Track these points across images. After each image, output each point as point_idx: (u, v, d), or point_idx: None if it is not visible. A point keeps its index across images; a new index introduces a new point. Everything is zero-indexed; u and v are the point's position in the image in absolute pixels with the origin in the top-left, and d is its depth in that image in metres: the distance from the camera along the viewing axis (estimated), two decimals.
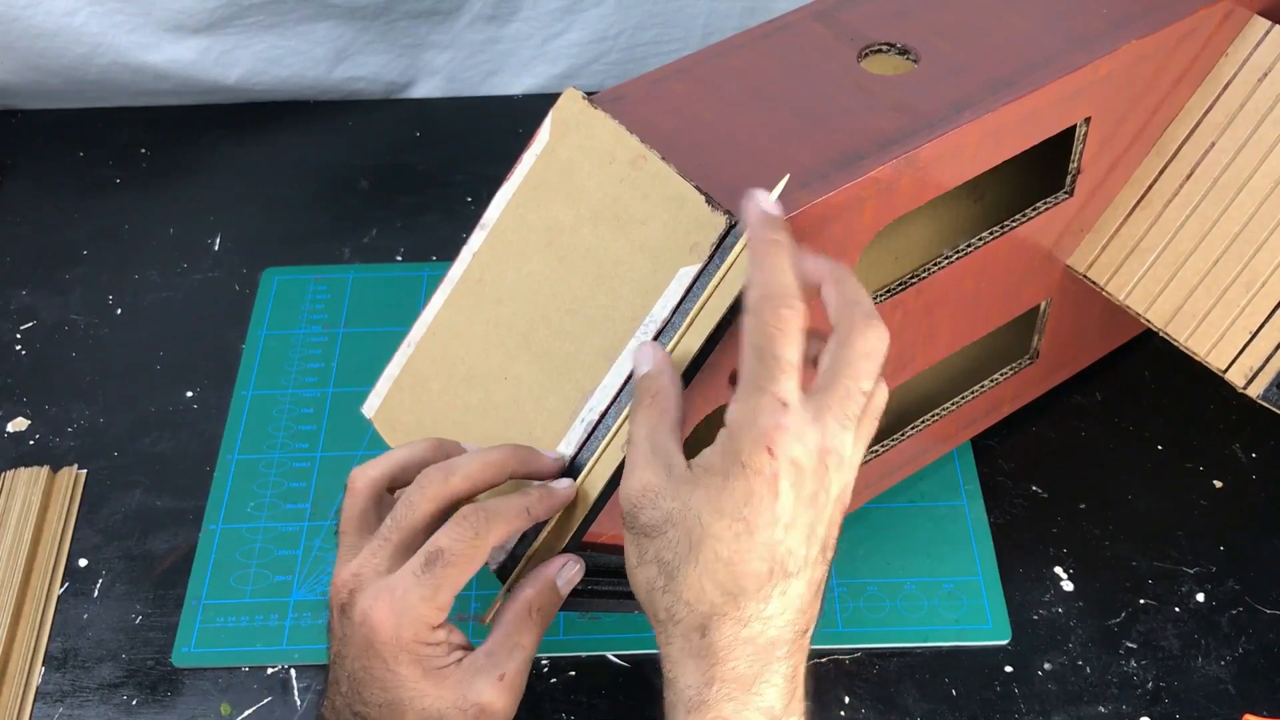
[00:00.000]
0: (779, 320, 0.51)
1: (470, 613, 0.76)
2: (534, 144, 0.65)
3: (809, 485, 0.51)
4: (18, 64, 1.06)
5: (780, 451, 0.50)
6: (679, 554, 0.51)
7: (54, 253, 1.00)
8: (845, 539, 0.79)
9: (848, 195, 0.62)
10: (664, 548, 0.52)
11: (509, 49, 1.11)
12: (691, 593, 0.51)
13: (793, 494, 0.51)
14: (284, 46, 1.08)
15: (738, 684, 0.51)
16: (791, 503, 0.51)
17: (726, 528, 0.50)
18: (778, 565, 0.51)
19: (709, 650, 0.51)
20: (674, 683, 0.52)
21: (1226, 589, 0.77)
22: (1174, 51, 0.71)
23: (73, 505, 0.83)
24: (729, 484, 0.50)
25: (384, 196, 1.04)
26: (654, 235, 0.60)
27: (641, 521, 0.52)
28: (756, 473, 0.50)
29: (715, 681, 0.51)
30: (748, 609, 0.51)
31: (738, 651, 0.51)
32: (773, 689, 0.52)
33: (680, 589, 0.51)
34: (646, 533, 0.52)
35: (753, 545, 0.51)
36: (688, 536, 0.51)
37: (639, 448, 0.53)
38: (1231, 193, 0.72)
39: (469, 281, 0.66)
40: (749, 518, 0.50)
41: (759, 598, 0.51)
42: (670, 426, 0.54)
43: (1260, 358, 0.69)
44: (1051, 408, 0.86)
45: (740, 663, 0.51)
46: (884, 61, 0.70)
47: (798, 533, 0.51)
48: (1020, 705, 0.72)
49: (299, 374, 0.90)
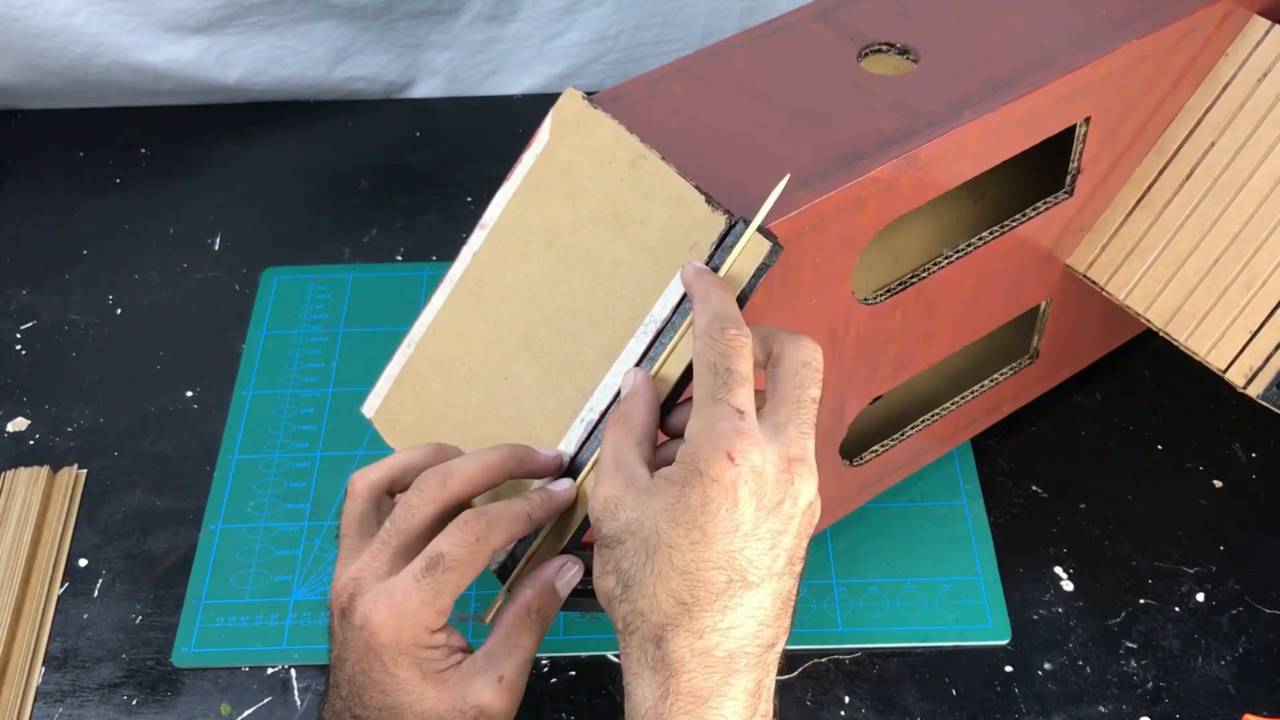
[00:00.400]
0: (729, 339, 0.52)
1: (470, 613, 0.76)
2: (534, 144, 0.65)
3: (771, 494, 0.51)
4: (18, 64, 1.06)
5: (740, 458, 0.50)
6: (635, 564, 0.51)
7: (54, 253, 1.00)
8: (845, 539, 0.79)
9: (848, 195, 0.62)
10: (622, 557, 0.52)
11: (509, 49, 1.11)
12: (646, 602, 0.51)
13: (753, 501, 0.50)
14: (284, 46, 1.08)
15: (693, 698, 0.50)
16: (752, 511, 0.50)
17: (683, 536, 0.50)
18: (737, 575, 0.50)
19: (664, 662, 0.51)
20: (631, 695, 0.52)
21: (1226, 589, 0.77)
22: (1174, 51, 0.71)
23: (73, 505, 0.83)
24: (686, 492, 0.50)
25: (384, 196, 1.04)
26: (654, 235, 0.60)
27: (604, 532, 0.52)
28: (714, 480, 0.50)
29: (670, 695, 0.50)
30: (704, 620, 0.50)
31: (693, 664, 0.50)
32: (731, 703, 0.51)
33: (636, 598, 0.51)
34: (607, 543, 0.52)
35: (709, 554, 0.50)
36: (645, 545, 0.51)
37: (604, 464, 0.54)
38: (1231, 193, 0.72)
39: (469, 281, 0.66)
40: (705, 526, 0.50)
41: (715, 609, 0.50)
42: (635, 442, 0.54)
43: (1260, 357, 0.69)
44: (1051, 408, 0.86)
45: (697, 676, 0.50)
46: (884, 61, 0.70)
47: (759, 542, 0.51)
48: (1020, 705, 0.72)
49: (299, 374, 0.90)
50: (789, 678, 0.73)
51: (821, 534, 0.79)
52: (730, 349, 0.52)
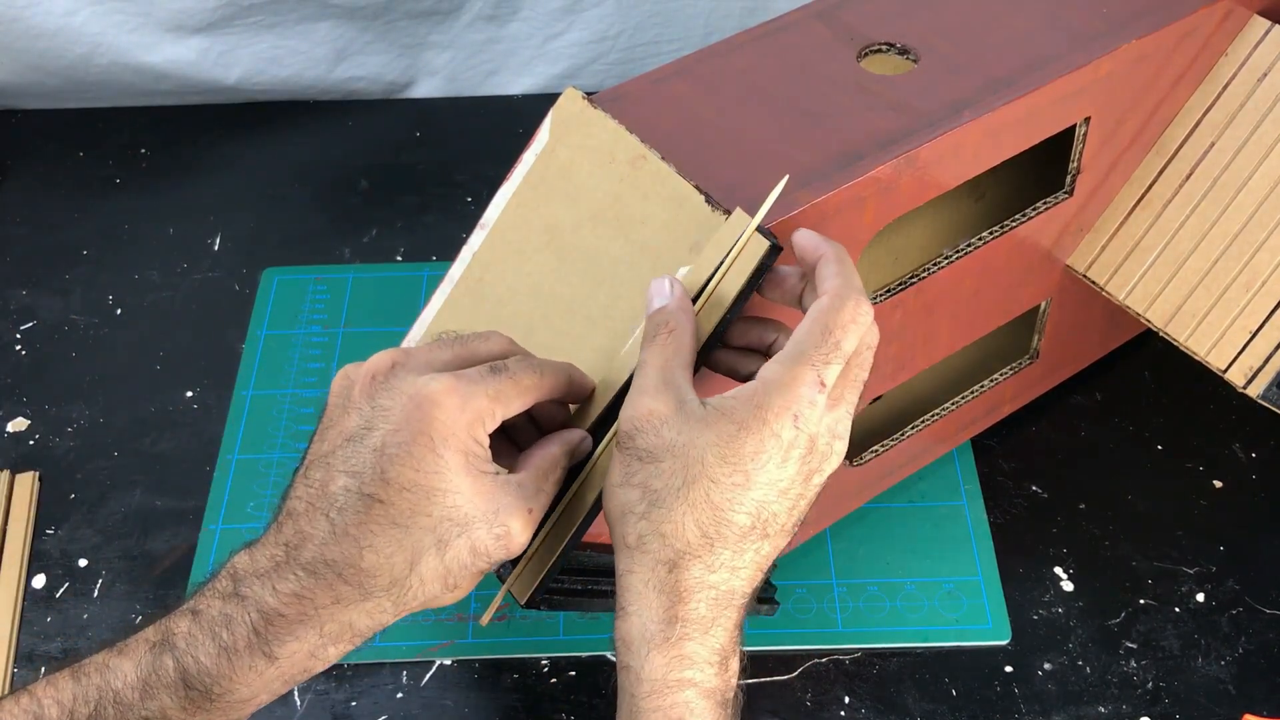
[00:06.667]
0: (859, 313, 0.53)
1: (470, 613, 0.76)
2: (534, 144, 0.65)
3: (812, 464, 0.53)
4: (18, 64, 1.06)
5: (804, 425, 0.52)
6: (669, 486, 0.51)
7: (54, 253, 1.00)
8: (845, 539, 0.79)
9: (848, 195, 0.62)
10: (655, 475, 0.52)
11: (509, 49, 1.11)
12: (671, 526, 0.51)
13: (797, 465, 0.52)
14: (284, 46, 1.08)
15: (698, 625, 0.52)
16: (793, 473, 0.52)
17: (727, 475, 0.51)
18: (759, 524, 0.52)
19: (674, 587, 0.52)
20: (632, 615, 0.52)
21: (1226, 589, 0.77)
22: (1174, 51, 0.72)
23: (33, 509, 0.83)
24: (742, 434, 0.51)
25: (384, 196, 1.04)
26: (654, 235, 0.60)
27: (638, 444, 0.52)
28: (775, 435, 0.51)
29: (678, 621, 0.52)
30: (721, 555, 0.52)
31: (700, 595, 0.52)
32: (724, 634, 0.53)
33: (660, 520, 0.52)
34: (640, 457, 0.52)
35: (744, 498, 0.51)
36: (684, 471, 0.51)
37: (649, 377, 0.53)
38: (1231, 193, 0.72)
39: (469, 281, 0.66)
40: (751, 472, 0.51)
41: (735, 549, 0.52)
42: (684, 363, 0.54)
43: (1260, 357, 0.69)
44: (1051, 408, 0.86)
45: (701, 606, 0.52)
46: (884, 61, 0.70)
47: (787, 502, 0.53)
48: (1020, 705, 0.72)
49: (299, 374, 0.90)
50: (789, 678, 0.74)
51: (821, 534, 0.79)
52: (852, 322, 0.52)
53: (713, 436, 0.51)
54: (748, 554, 0.52)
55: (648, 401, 0.52)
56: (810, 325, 0.53)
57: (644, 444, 0.52)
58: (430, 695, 0.73)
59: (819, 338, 0.52)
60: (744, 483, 0.51)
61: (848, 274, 0.54)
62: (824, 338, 0.52)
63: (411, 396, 0.51)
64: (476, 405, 0.52)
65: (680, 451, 0.51)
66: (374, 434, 0.51)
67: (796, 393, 0.51)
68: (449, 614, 0.76)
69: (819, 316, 0.53)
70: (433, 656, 0.75)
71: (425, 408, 0.51)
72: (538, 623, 0.76)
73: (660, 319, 0.55)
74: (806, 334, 0.53)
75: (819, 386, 0.52)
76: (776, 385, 0.52)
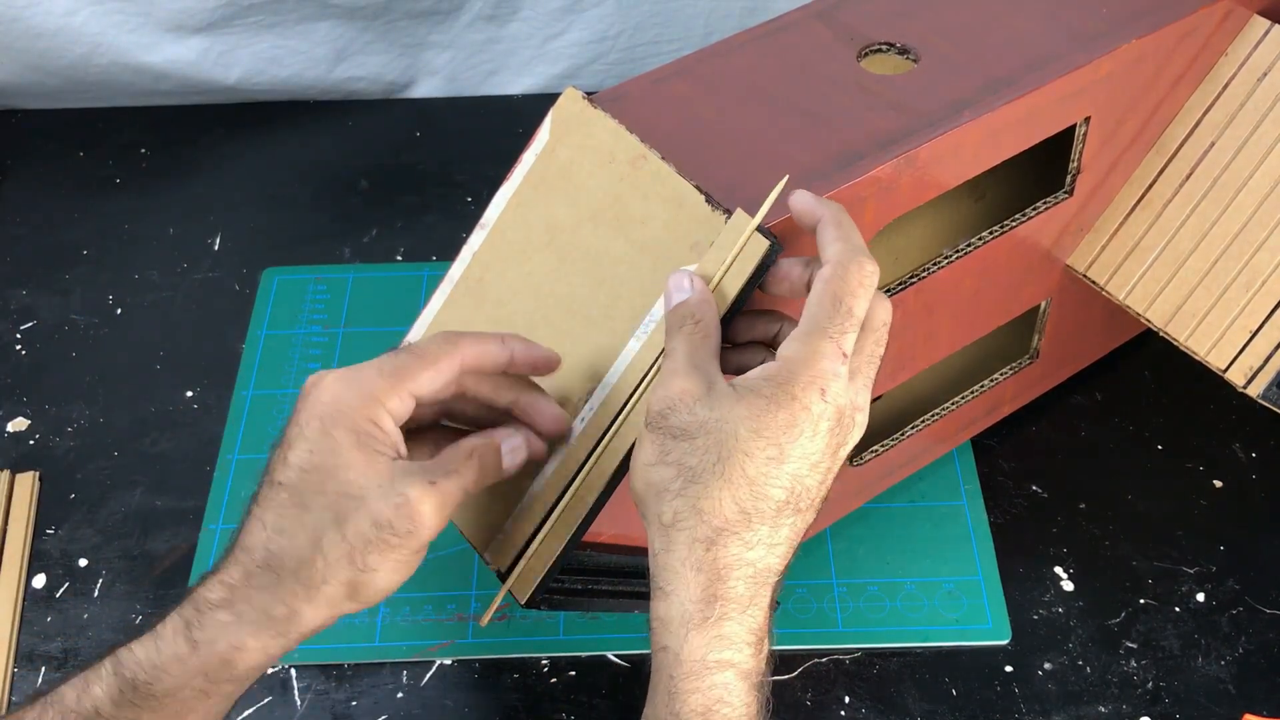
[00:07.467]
0: (864, 276, 0.53)
1: (470, 613, 0.76)
2: (534, 144, 0.65)
3: (839, 435, 0.53)
4: (18, 64, 1.06)
5: (831, 397, 0.52)
6: (705, 462, 0.52)
7: (54, 253, 1.00)
8: (845, 539, 0.79)
9: (848, 195, 0.62)
10: (689, 452, 0.52)
11: (509, 49, 1.11)
12: (709, 503, 0.52)
13: (828, 438, 0.53)
14: (284, 46, 1.08)
15: (737, 604, 0.52)
16: (823, 446, 0.53)
17: (761, 449, 0.51)
18: (793, 498, 0.52)
19: (712, 565, 0.52)
20: (670, 595, 0.53)
21: (1226, 589, 0.77)
22: (1174, 51, 0.72)
23: (33, 509, 0.83)
24: (773, 408, 0.52)
25: (384, 196, 1.04)
26: (654, 235, 0.60)
27: (672, 423, 0.53)
28: (805, 408, 0.52)
29: (718, 600, 0.52)
30: (759, 531, 0.52)
31: (738, 572, 0.52)
32: (761, 613, 0.53)
33: (697, 497, 0.52)
34: (674, 434, 0.53)
35: (779, 472, 0.52)
36: (719, 447, 0.52)
37: (679, 360, 0.54)
38: (1231, 192, 0.72)
39: (469, 281, 0.66)
40: (784, 445, 0.52)
41: (772, 524, 0.52)
42: (711, 351, 0.55)
43: (1260, 357, 0.69)
44: (1051, 408, 0.86)
45: (739, 584, 0.52)
46: (884, 61, 0.70)
47: (818, 475, 0.53)
48: (1020, 705, 0.72)
49: (299, 374, 0.90)
50: (789, 678, 0.74)
51: (821, 534, 0.79)
52: (860, 286, 0.53)
53: (744, 411, 0.52)
54: (784, 529, 0.53)
55: (679, 381, 0.53)
56: (820, 297, 0.53)
57: (677, 422, 0.53)
58: (430, 695, 0.73)
59: (831, 308, 0.53)
60: (778, 456, 0.52)
61: (848, 234, 0.55)
62: (835, 307, 0.53)
63: (309, 392, 0.55)
64: (368, 385, 0.54)
65: (714, 427, 0.52)
66: (286, 431, 0.55)
67: (820, 366, 0.52)
68: (449, 614, 0.76)
69: (827, 286, 0.53)
70: (433, 656, 0.75)
71: (314, 394, 0.55)
72: (538, 623, 0.76)
73: (685, 311, 0.56)
74: (818, 306, 0.53)
75: (841, 358, 0.53)
76: (800, 361, 0.52)
